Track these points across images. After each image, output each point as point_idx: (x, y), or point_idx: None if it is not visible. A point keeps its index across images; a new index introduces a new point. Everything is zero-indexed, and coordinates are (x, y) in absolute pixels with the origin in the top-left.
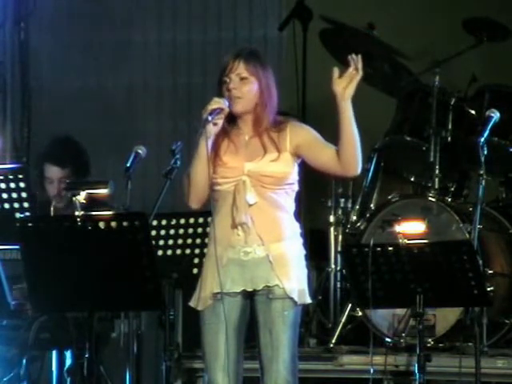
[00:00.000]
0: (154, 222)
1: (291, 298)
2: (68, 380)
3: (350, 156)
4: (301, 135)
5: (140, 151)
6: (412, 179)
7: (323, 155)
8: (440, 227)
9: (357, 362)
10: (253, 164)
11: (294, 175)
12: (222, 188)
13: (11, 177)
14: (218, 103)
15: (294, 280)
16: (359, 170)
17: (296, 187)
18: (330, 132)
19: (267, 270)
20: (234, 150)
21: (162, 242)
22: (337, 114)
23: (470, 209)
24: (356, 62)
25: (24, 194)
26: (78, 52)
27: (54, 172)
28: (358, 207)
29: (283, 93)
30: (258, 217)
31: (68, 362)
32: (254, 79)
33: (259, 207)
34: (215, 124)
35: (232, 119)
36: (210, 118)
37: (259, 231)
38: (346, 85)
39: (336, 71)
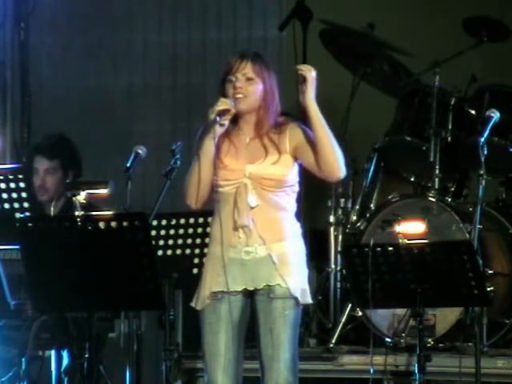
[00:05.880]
0: (154, 222)
1: (293, 298)
2: (65, 380)
3: (327, 161)
4: (298, 137)
5: (140, 151)
6: (412, 179)
7: (309, 157)
8: (440, 227)
9: (357, 362)
10: (254, 166)
11: (294, 176)
12: (223, 190)
13: (11, 177)
14: (225, 104)
15: (296, 279)
16: (342, 174)
17: (297, 188)
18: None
19: (269, 269)
20: (235, 152)
21: (161, 242)
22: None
23: (470, 209)
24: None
25: (24, 194)
26: (77, 52)
27: (40, 163)
28: (358, 207)
29: (283, 93)
30: (259, 218)
31: (65, 362)
32: (259, 80)
33: (260, 209)
34: (222, 124)
35: (233, 120)
36: (218, 119)
37: (260, 232)
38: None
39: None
